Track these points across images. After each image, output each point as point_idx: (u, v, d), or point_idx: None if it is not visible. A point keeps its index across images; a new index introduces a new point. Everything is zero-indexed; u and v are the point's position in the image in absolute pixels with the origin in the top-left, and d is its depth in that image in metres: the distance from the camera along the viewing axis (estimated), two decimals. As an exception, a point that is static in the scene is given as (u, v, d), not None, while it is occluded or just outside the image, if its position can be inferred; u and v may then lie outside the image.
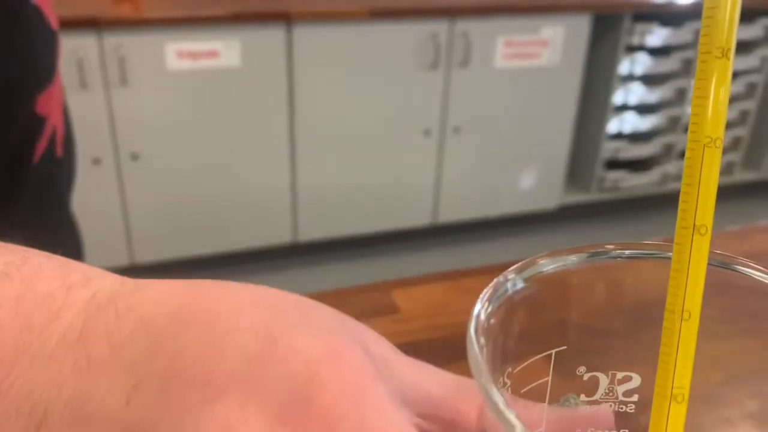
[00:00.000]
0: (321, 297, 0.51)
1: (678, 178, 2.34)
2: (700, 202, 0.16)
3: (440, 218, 2.14)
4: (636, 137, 2.27)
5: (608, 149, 2.24)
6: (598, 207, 2.34)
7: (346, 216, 2.03)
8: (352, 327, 0.20)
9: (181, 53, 1.67)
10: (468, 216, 2.19)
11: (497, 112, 2.03)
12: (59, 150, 0.48)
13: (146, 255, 1.88)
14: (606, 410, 0.22)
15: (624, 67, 2.13)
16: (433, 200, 2.11)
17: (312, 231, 2.01)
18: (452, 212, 2.16)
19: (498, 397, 0.16)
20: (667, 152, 2.31)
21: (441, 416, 0.20)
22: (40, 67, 0.42)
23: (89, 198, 1.67)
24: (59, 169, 0.49)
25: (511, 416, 0.15)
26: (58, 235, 0.53)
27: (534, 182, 2.19)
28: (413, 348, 0.41)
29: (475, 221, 2.20)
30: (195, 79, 1.72)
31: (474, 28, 1.90)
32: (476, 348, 0.18)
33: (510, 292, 0.20)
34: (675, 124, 2.27)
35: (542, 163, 2.18)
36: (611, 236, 2.24)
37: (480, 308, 0.19)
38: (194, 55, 1.69)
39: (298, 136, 1.87)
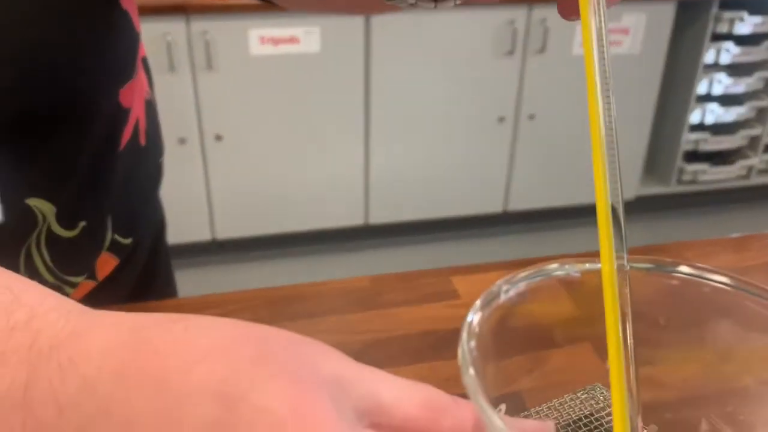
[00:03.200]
0: (383, 279, 0.54)
1: (763, 171, 2.25)
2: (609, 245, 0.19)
3: (511, 206, 2.14)
4: (719, 129, 2.20)
5: (689, 141, 2.18)
6: (676, 200, 2.29)
7: (417, 201, 2.06)
8: (304, 355, 0.20)
9: (263, 39, 1.74)
10: (539, 205, 2.18)
11: (573, 100, 2.01)
12: (142, 139, 0.53)
13: (227, 232, 1.97)
14: (550, 425, 0.23)
15: (709, 56, 2.06)
16: (505, 188, 2.12)
17: (383, 214, 2.06)
18: (523, 200, 2.15)
19: (496, 419, 0.18)
20: (753, 145, 2.23)
21: (390, 422, 0.21)
22: (123, 64, 0.47)
23: (175, 176, 1.76)
24: (144, 158, 0.54)
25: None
26: (144, 217, 0.58)
27: (609, 172, 2.16)
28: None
29: (547, 210, 2.19)
30: (276, 65, 1.78)
31: (552, 14, 1.87)
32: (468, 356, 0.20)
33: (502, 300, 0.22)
34: (762, 116, 2.18)
35: (620, 153, 2.14)
36: (688, 230, 2.19)
37: (472, 320, 0.21)
38: (276, 41, 1.75)
39: (372, 121, 1.91)
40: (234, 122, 1.84)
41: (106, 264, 0.53)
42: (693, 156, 2.22)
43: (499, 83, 1.95)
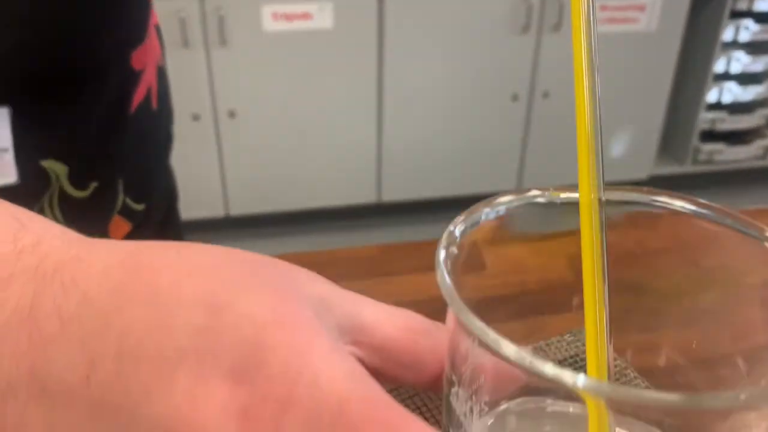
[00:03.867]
0: (392, 248, 0.54)
1: (780, 151, 2.23)
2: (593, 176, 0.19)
3: (524, 184, 2.14)
4: (736, 108, 2.17)
5: (705, 120, 2.16)
6: (691, 179, 2.27)
7: (430, 179, 2.06)
8: (290, 276, 0.22)
9: (276, 15, 1.74)
10: (555, 183, 2.16)
11: (588, 78, 1.99)
12: (154, 103, 0.53)
13: (240, 208, 1.98)
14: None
15: (727, 33, 2.03)
16: (519, 166, 2.11)
17: (396, 192, 2.06)
18: (537, 179, 2.15)
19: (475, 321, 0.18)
20: (771, 124, 2.20)
21: (371, 341, 0.22)
22: (134, 26, 0.47)
23: (188, 152, 1.77)
24: (155, 122, 0.55)
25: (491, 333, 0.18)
26: (155, 183, 0.59)
27: (624, 151, 2.15)
28: (487, 303, 0.45)
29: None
30: (289, 41, 1.78)
31: (568, -9, 1.86)
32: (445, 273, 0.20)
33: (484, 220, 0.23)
34: (781, 95, 2.15)
35: (634, 132, 2.13)
36: (703, 210, 2.17)
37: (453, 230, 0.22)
38: (288, 17, 1.74)
39: (385, 98, 1.91)
40: (247, 98, 1.84)
41: (119, 228, 0.54)
42: (709, 135, 2.20)
43: (513, 60, 1.94)
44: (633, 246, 0.26)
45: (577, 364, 0.35)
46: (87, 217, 0.48)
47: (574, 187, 0.24)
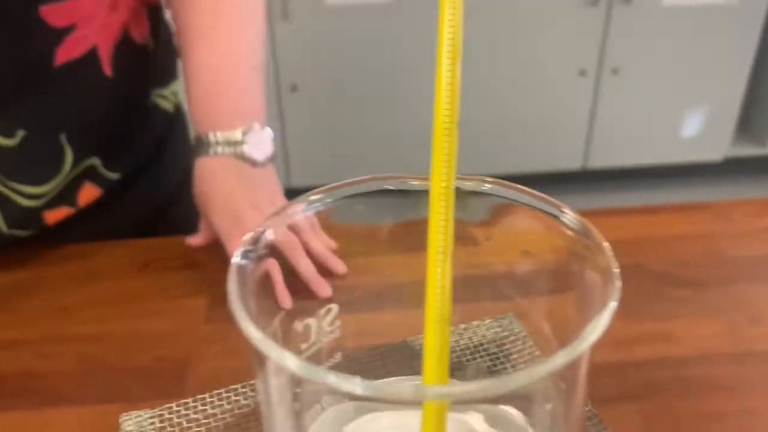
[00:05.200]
0: (422, 223, 0.55)
1: None
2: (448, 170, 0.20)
3: (591, 163, 2.08)
4: (825, 86, 2.03)
5: (789, 99, 2.03)
6: (771, 162, 2.15)
7: (492, 156, 2.03)
8: (264, 197, 0.52)
9: (338, -12, 1.74)
10: (622, 163, 2.10)
11: (661, 53, 1.90)
12: (107, 70, 0.55)
13: (301, 180, 2.02)
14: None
15: (818, 6, 1.89)
16: (585, 144, 2.05)
17: (462, 170, 2.04)
18: (604, 157, 2.08)
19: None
20: None
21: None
22: None
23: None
24: (111, 91, 0.57)
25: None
26: (135, 154, 0.63)
27: (698, 131, 2.05)
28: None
29: (629, 168, 2.11)
30: (351, 14, 1.78)
31: (642, -38, 1.78)
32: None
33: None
34: None
35: (710, 111, 2.03)
36: (782, 194, 2.06)
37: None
38: (351, -9, 1.74)
39: (448, 72, 1.88)
40: (308, 72, 1.86)
41: (88, 193, 0.58)
42: (793, 115, 2.07)
43: (581, 35, 1.88)
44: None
45: (491, 349, 0.36)
46: (21, 165, 0.53)
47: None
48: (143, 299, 0.50)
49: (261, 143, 0.53)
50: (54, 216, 0.57)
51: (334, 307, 0.27)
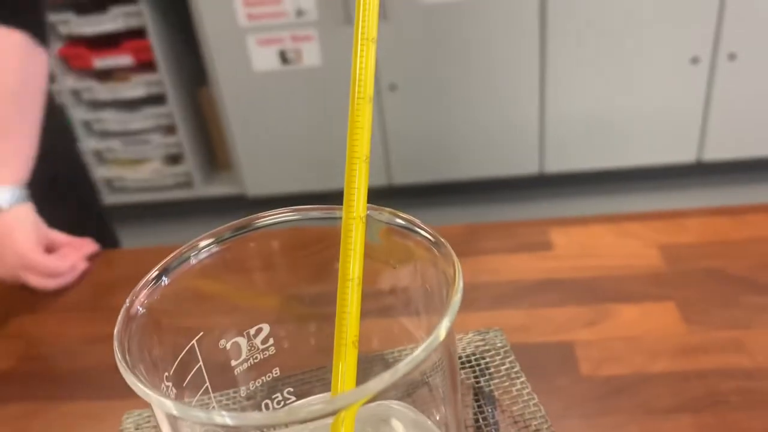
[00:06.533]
0: (479, 228, 0.54)
1: None
2: (359, 199, 0.22)
3: (706, 156, 1.97)
4: None
5: None
6: None
7: (597, 149, 1.97)
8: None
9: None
10: (739, 155, 1.97)
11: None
12: None
13: (401, 178, 2.03)
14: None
15: None
16: (699, 136, 1.94)
17: (559, 162, 1.99)
18: (720, 150, 1.96)
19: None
20: None
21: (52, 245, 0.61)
22: None
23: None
24: None
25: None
26: None
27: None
28: (555, 284, 0.44)
29: (747, 161, 1.98)
30: (447, 13, 1.77)
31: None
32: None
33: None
34: None
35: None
36: None
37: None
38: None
39: (548, 62, 1.84)
40: (407, 71, 1.87)
41: None
42: None
43: (693, 19, 1.78)
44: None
45: (471, 362, 0.38)
46: None
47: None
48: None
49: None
50: None
51: (265, 327, 0.28)
